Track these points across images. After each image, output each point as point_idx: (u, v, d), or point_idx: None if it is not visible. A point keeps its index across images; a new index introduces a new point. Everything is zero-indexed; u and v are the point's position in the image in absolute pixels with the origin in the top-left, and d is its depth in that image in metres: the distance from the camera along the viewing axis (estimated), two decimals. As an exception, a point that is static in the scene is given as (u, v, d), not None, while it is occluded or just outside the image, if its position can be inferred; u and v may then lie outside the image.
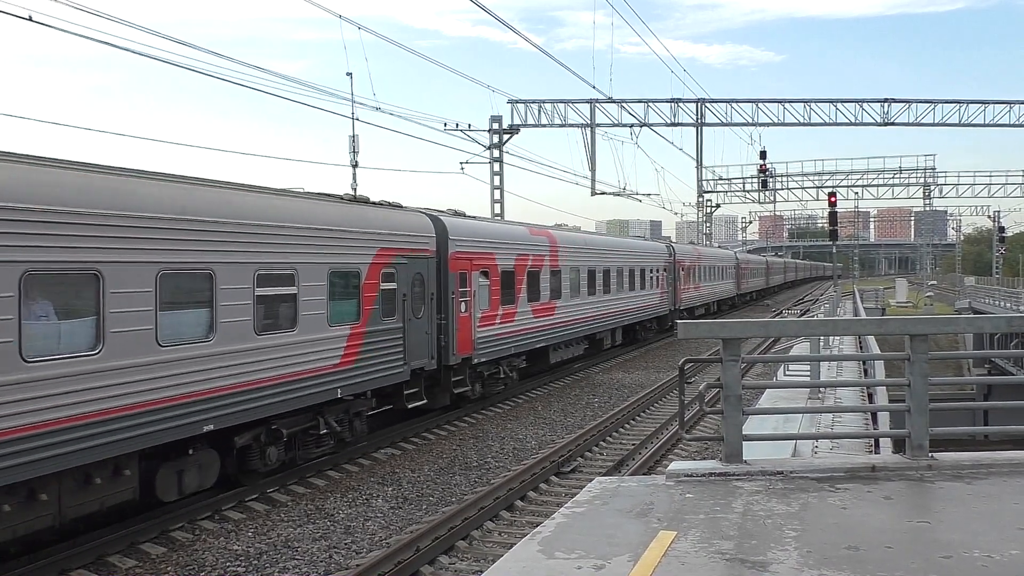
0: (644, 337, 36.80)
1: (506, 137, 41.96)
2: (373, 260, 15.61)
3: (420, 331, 17.28)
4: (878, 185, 68.74)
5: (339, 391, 14.48)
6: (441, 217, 18.99)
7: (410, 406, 17.40)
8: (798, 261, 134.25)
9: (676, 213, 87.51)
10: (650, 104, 46.38)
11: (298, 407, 13.63)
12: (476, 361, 19.79)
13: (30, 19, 15.04)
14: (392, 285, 16.28)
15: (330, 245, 14.42)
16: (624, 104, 45.76)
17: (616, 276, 31.27)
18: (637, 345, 35.84)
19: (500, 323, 21.11)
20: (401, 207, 17.90)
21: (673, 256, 40.23)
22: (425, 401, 17.82)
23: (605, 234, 36.94)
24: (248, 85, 21.24)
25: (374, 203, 16.90)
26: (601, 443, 17.96)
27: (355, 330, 15.05)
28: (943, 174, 69.83)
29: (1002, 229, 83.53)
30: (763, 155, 52.52)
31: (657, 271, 37.37)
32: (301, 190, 15.58)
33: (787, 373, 20.07)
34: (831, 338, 24.51)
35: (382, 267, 15.96)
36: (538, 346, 23.84)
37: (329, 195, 15.74)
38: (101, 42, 17.07)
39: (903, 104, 45.64)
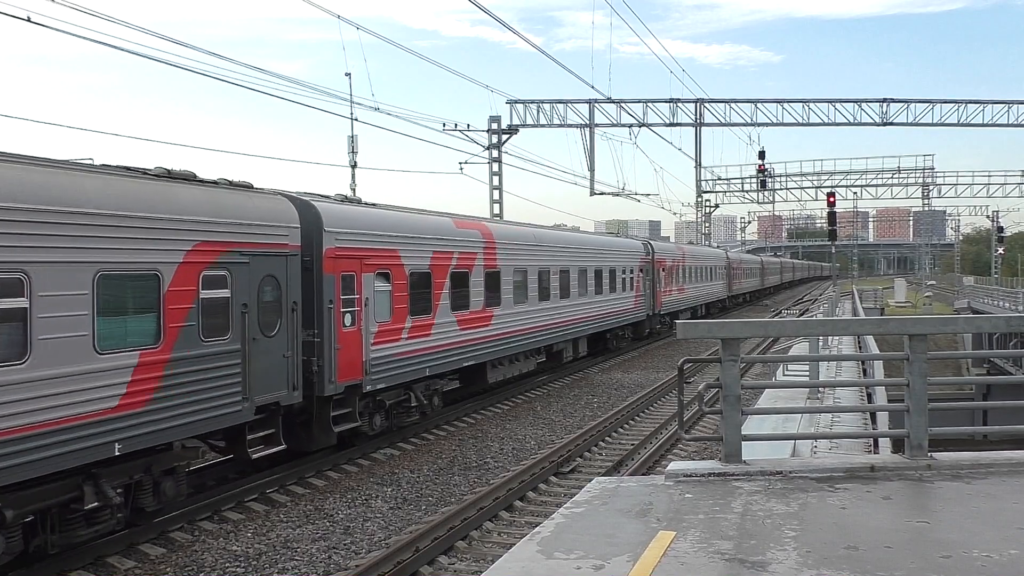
0: (616, 347, 32.98)
1: (505, 137, 41.99)
2: (185, 259, 11.43)
3: (273, 353, 13.08)
4: (877, 185, 68.86)
5: (117, 446, 10.30)
6: (313, 203, 14.69)
7: (255, 456, 12.95)
8: (796, 261, 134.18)
9: (675, 213, 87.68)
10: (649, 104, 46.41)
11: (41, 473, 9.46)
12: (370, 388, 15.58)
13: (28, 20, 15.05)
14: (222, 292, 12.13)
15: (99, 236, 10.21)
16: (623, 104, 45.80)
17: (578, 278, 27.34)
18: (636, 346, 35.69)
19: (408, 339, 16.91)
20: (250, 188, 13.51)
21: (652, 255, 36.69)
22: (282, 447, 13.43)
23: (572, 230, 32.48)
24: (247, 85, 21.26)
25: (198, 181, 12.42)
26: (600, 443, 17.96)
27: (150, 357, 10.86)
28: (942, 174, 70.01)
29: (1001, 229, 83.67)
30: (762, 155, 52.58)
31: (631, 272, 33.59)
32: (54, 159, 10.65)
33: (786, 373, 20.08)
34: (830, 338, 24.55)
35: (203, 268, 11.76)
36: (468, 364, 19.76)
37: (114, 167, 11.39)
38: (98, 42, 17.08)
39: (902, 104, 45.70)
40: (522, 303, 22.82)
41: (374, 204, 17.48)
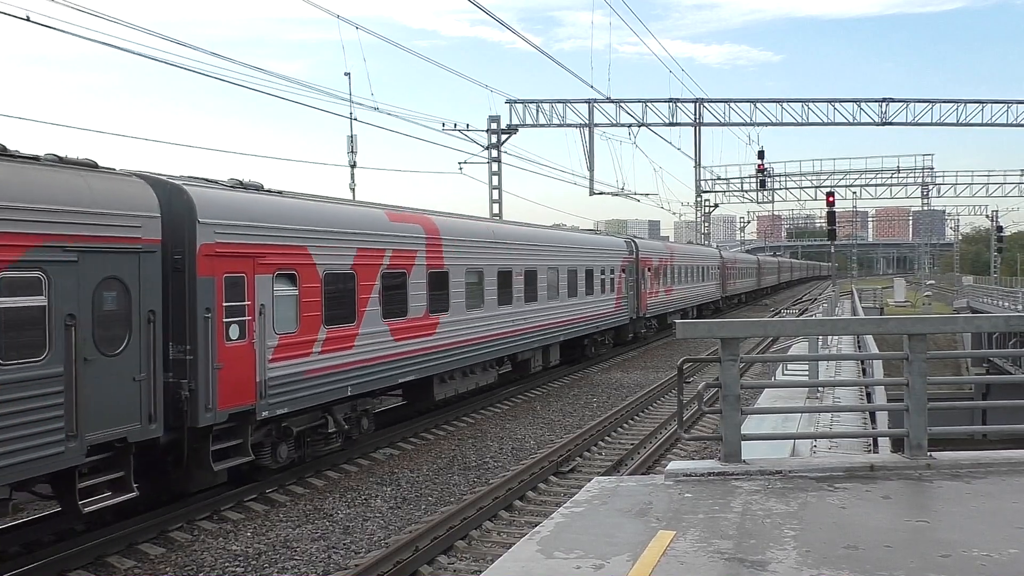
0: (596, 353, 30.65)
1: (504, 137, 41.96)
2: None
3: (118, 376, 10.48)
4: (876, 185, 68.83)
5: None
6: (185, 187, 12.04)
7: (88, 509, 10.26)
8: (794, 260, 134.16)
9: (674, 213, 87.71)
10: (648, 104, 46.39)
11: None
12: (267, 415, 12.97)
13: (28, 19, 15.05)
14: (32, 300, 9.58)
15: None
16: (622, 104, 45.78)
17: (546, 279, 24.65)
18: (636, 345, 35.58)
19: (323, 352, 14.32)
20: (94, 167, 10.86)
21: (636, 253, 34.18)
22: (133, 494, 10.79)
23: (541, 226, 28.49)
24: (246, 85, 21.25)
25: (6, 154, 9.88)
26: (600, 443, 17.97)
27: None
28: (941, 174, 70.01)
29: (1000, 228, 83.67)
30: (761, 155, 52.57)
31: (612, 272, 31.15)
32: None
33: (785, 373, 20.08)
34: (829, 338, 24.55)
35: None
36: (406, 379, 17.22)
37: None
38: (98, 42, 17.06)
39: (901, 104, 45.69)
40: (477, 308, 20.27)
41: (279, 192, 14.49)
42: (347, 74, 28.62)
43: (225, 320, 12.23)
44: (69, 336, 9.87)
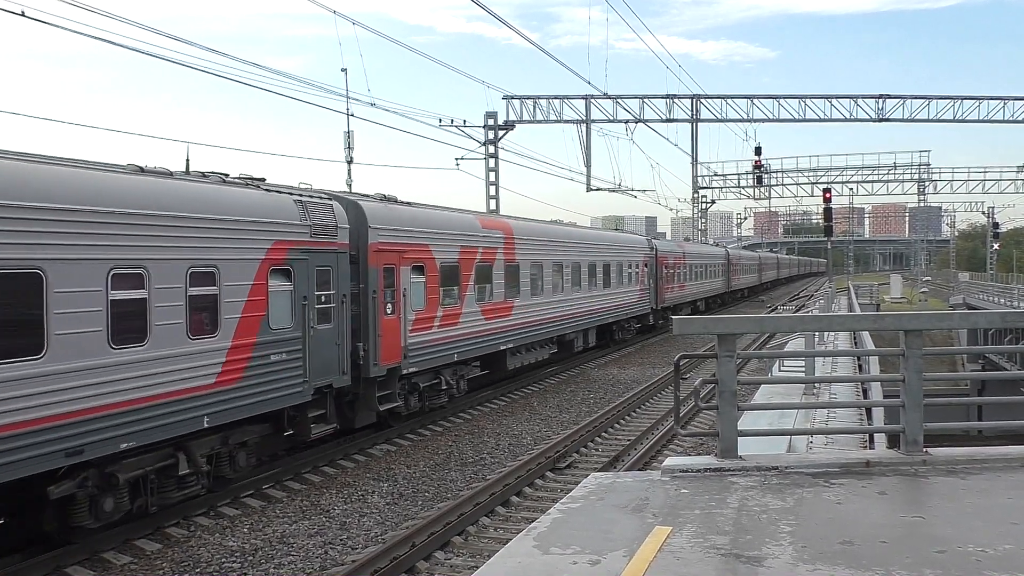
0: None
1: (501, 133, 41.90)
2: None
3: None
4: (873, 181, 68.81)
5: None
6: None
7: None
8: (792, 257, 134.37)
9: (671, 209, 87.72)
10: (645, 100, 46.35)
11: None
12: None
13: (23, 15, 14.99)
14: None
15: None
16: (619, 100, 45.73)
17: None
18: (632, 342, 35.78)
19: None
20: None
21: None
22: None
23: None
24: (243, 81, 21.26)
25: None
26: (597, 439, 17.99)
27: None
28: (938, 170, 69.75)
29: (996, 225, 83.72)
30: (758, 151, 52.46)
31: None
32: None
33: (782, 369, 20.10)
34: (826, 334, 24.58)
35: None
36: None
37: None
38: (95, 38, 17.02)
39: (898, 100, 45.67)
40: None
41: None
42: (344, 70, 28.54)
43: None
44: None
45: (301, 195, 14.42)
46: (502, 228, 22.36)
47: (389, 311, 16.34)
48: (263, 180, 14.09)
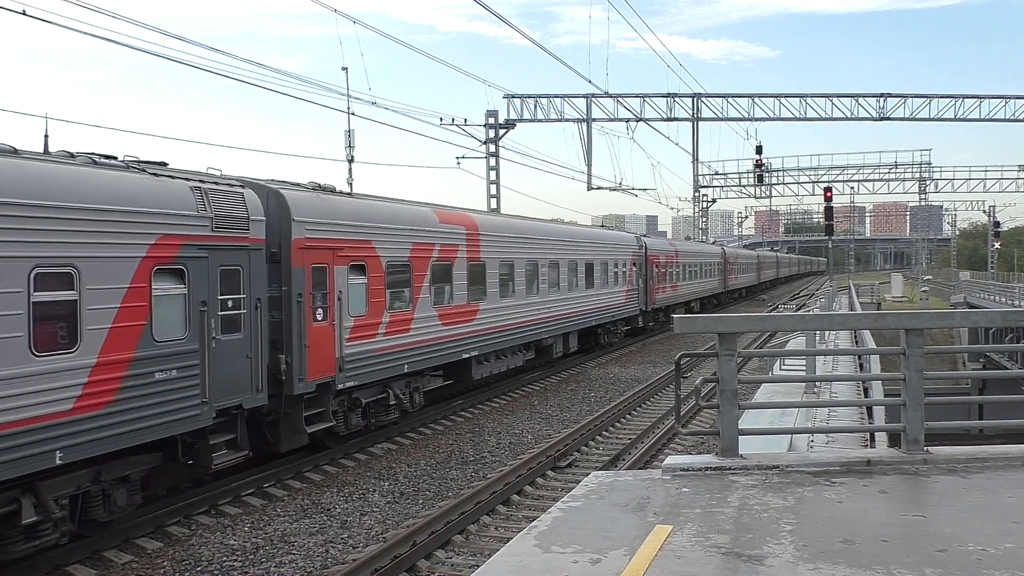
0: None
1: (502, 132, 41.89)
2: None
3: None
4: (874, 180, 68.69)
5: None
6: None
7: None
8: (792, 256, 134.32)
9: (672, 208, 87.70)
10: (646, 99, 46.31)
11: None
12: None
13: (24, 13, 15.00)
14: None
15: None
16: (620, 99, 45.71)
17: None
18: (632, 340, 35.72)
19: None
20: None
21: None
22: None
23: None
24: (244, 80, 21.26)
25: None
26: (597, 437, 17.99)
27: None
28: (939, 169, 69.66)
29: (997, 224, 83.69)
30: (759, 150, 52.47)
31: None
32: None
33: (783, 367, 20.10)
34: (827, 333, 24.59)
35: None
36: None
37: None
38: (97, 36, 17.01)
39: (899, 99, 45.63)
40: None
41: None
42: (345, 69, 28.43)
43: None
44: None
45: (202, 181, 12.14)
46: (464, 223, 19.96)
47: (320, 317, 14.22)
48: (163, 164, 11.97)
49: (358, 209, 15.82)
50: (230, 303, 12.32)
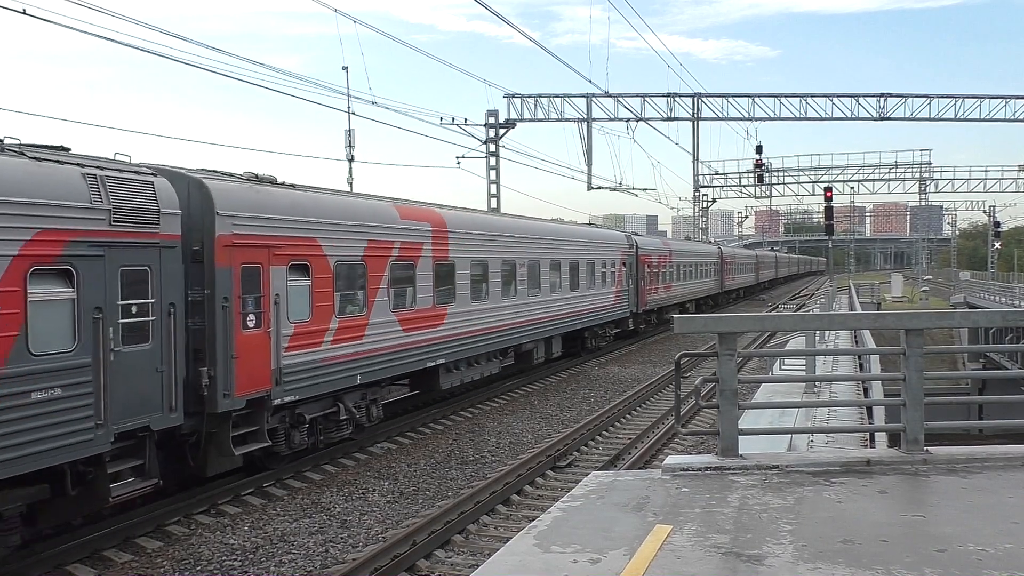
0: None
1: (502, 132, 41.91)
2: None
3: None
4: (874, 180, 68.70)
5: None
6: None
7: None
8: (791, 256, 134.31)
9: (672, 208, 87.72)
10: (646, 99, 46.31)
11: None
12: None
13: (24, 12, 15.00)
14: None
15: None
16: (620, 99, 45.70)
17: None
18: (632, 340, 35.64)
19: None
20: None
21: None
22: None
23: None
24: (245, 79, 21.26)
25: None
26: (597, 437, 17.99)
27: None
28: (939, 169, 69.73)
29: (997, 224, 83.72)
30: (759, 150, 52.52)
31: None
32: None
33: (783, 367, 20.10)
34: (826, 333, 24.59)
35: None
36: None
37: None
38: (98, 36, 17.02)
39: (899, 99, 45.63)
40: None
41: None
42: (345, 68, 28.44)
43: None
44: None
45: (100, 168, 10.50)
46: (430, 219, 18.32)
47: (251, 324, 12.63)
48: (63, 149, 10.53)
49: (300, 202, 14.20)
50: (135, 309, 10.61)
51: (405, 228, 17.15)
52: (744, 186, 67.28)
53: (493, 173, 41.15)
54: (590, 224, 34.57)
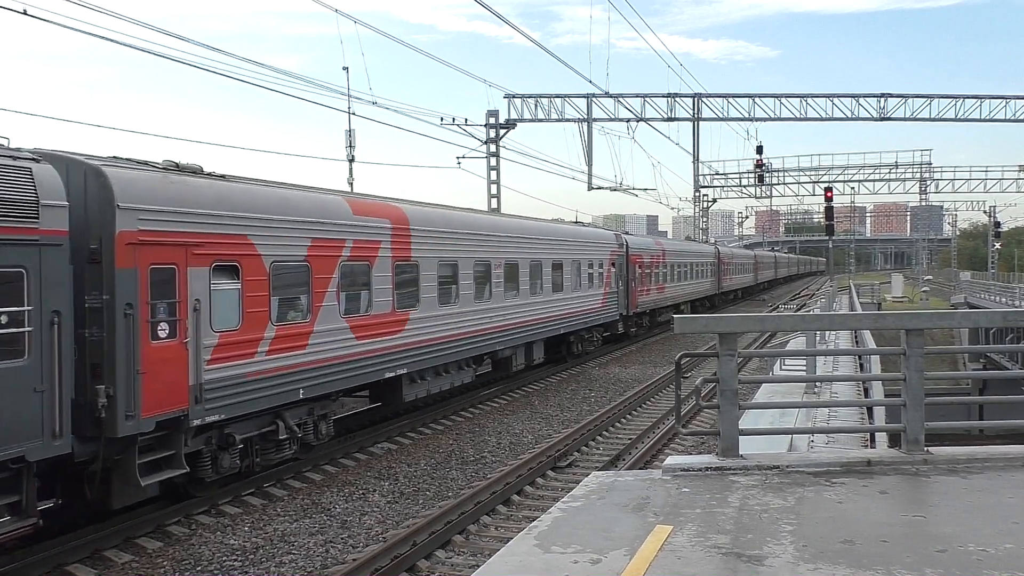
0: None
1: (503, 132, 41.90)
2: None
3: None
4: (874, 180, 68.70)
5: None
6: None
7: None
8: (791, 256, 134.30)
9: (673, 208, 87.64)
10: (647, 99, 46.29)
11: None
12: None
13: (24, 13, 15.00)
14: None
15: None
16: (621, 99, 45.69)
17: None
18: (632, 340, 35.56)
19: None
20: None
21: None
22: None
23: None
24: (245, 79, 21.26)
25: None
26: (598, 437, 17.99)
27: None
28: (939, 169, 69.75)
29: (998, 224, 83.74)
30: (759, 150, 52.49)
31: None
32: None
33: (783, 368, 20.10)
34: (827, 333, 24.59)
35: None
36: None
37: None
38: (98, 36, 17.01)
39: (899, 99, 45.60)
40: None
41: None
42: (345, 68, 28.40)
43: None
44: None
45: None
46: (389, 215, 16.63)
47: (163, 334, 11.04)
48: None
49: (227, 195, 12.49)
50: (4, 319, 9.00)
51: (358, 225, 15.48)
52: (744, 186, 67.28)
53: (493, 173, 41.14)
54: (576, 222, 33.08)
